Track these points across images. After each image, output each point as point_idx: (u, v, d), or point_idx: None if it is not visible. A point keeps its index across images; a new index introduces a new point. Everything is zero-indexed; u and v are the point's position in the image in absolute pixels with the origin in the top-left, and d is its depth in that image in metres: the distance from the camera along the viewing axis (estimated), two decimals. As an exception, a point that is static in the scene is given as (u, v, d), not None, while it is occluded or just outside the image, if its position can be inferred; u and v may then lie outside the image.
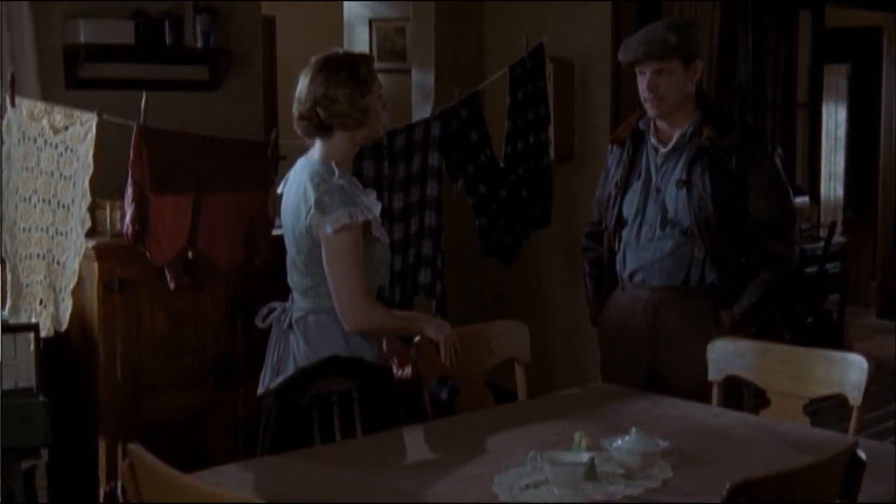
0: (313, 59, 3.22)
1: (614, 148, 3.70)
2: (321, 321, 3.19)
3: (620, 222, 3.60)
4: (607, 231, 3.67)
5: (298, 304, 3.26)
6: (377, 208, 3.27)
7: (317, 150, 3.22)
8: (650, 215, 3.53)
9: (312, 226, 3.11)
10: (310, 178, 3.14)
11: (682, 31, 3.48)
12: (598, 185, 3.81)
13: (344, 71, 3.16)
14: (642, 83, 3.49)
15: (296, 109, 3.21)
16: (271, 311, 3.34)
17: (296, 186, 3.21)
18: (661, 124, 3.57)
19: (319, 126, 3.18)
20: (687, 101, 3.52)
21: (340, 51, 3.33)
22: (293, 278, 3.27)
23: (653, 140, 3.57)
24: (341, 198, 3.09)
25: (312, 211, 3.09)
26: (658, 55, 3.44)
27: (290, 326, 3.25)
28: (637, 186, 3.57)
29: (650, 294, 3.54)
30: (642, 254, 3.55)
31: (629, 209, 3.58)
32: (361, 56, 3.33)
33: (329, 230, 3.08)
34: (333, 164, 3.17)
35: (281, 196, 3.33)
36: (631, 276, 3.59)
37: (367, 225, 3.15)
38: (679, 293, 3.50)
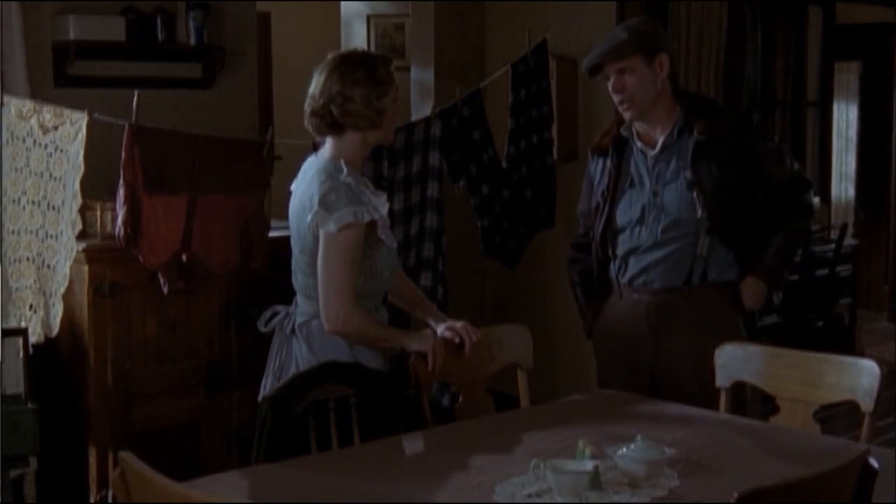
0: (330, 56, 3.17)
1: (596, 158, 3.64)
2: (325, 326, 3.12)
3: (613, 231, 3.55)
4: (595, 241, 3.62)
5: (302, 307, 3.20)
6: (385, 209, 3.21)
7: (327, 148, 3.17)
8: (650, 219, 3.48)
9: (316, 223, 3.05)
10: (317, 176, 3.10)
11: (636, 27, 3.49)
12: (580, 198, 3.75)
13: (361, 70, 3.11)
14: (610, 87, 3.46)
15: (308, 105, 3.15)
16: (274, 314, 3.28)
17: (304, 184, 3.16)
18: (642, 127, 3.52)
19: (331, 124, 3.12)
20: (663, 98, 3.46)
21: (359, 49, 3.30)
22: (297, 279, 3.22)
23: (639, 144, 3.52)
24: (347, 196, 3.04)
25: (317, 208, 3.04)
26: (613, 54, 3.42)
27: (293, 331, 3.20)
28: (631, 194, 3.52)
29: (652, 297, 3.49)
30: (644, 257, 3.50)
31: (626, 217, 3.53)
32: (381, 57, 3.28)
33: (333, 228, 3.02)
34: (342, 162, 3.11)
35: (290, 193, 3.27)
36: (631, 282, 3.54)
37: (372, 226, 3.09)
38: (682, 294, 3.46)
